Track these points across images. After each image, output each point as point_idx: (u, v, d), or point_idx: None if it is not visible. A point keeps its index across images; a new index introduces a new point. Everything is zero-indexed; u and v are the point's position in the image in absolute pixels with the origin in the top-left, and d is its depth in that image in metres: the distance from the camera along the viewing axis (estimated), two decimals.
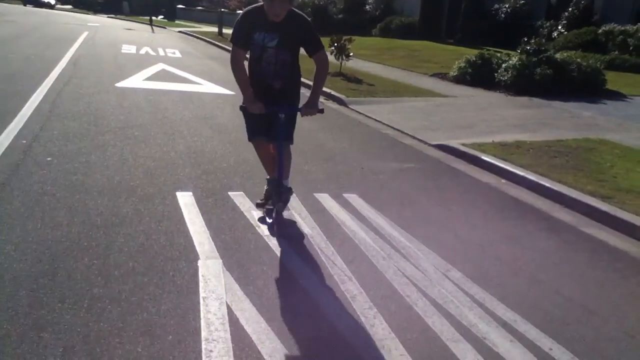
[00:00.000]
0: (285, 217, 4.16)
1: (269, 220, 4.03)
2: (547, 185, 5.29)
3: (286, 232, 3.94)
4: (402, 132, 7.56)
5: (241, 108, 3.84)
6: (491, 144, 6.73)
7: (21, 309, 2.73)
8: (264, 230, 3.94)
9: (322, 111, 3.86)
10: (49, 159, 5.13)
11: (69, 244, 3.48)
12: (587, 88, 11.15)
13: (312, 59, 3.81)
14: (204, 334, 2.67)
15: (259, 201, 4.37)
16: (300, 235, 3.92)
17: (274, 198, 3.96)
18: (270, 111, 3.78)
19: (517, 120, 8.39)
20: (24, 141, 5.59)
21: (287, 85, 3.88)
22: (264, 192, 4.37)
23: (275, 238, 3.82)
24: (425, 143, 7.00)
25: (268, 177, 4.29)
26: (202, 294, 3.03)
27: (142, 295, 2.97)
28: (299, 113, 3.90)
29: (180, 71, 11.83)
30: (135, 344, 2.54)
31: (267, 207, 4.12)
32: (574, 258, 3.93)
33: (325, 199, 4.67)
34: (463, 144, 6.67)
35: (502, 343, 2.80)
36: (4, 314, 2.68)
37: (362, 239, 3.92)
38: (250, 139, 4.10)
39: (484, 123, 8.12)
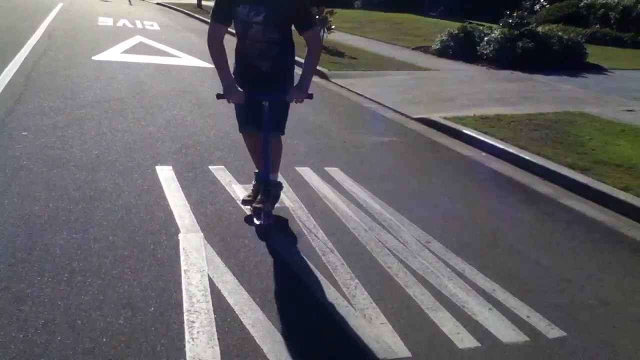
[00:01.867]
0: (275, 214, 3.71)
1: (257, 222, 3.57)
2: (527, 157, 5.34)
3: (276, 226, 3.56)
4: (383, 105, 7.55)
5: (218, 96, 3.35)
6: (472, 117, 6.75)
7: None
8: None
9: (311, 96, 3.39)
10: (24, 133, 5.02)
11: (46, 218, 3.43)
12: (568, 61, 11.22)
13: (302, 36, 3.36)
14: (185, 305, 2.67)
15: (245, 197, 3.86)
16: (281, 209, 3.91)
17: (261, 196, 3.55)
18: (253, 99, 3.35)
19: (499, 94, 8.42)
20: None
21: (276, 68, 3.43)
22: (251, 187, 3.94)
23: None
24: (407, 116, 7.01)
25: (256, 170, 3.88)
26: (183, 267, 3.02)
27: (122, 268, 2.95)
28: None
29: (159, 44, 11.61)
30: (116, 317, 2.53)
31: (255, 205, 3.67)
32: (551, 229, 4.00)
33: (307, 173, 4.66)
34: (444, 118, 6.69)
35: (480, 311, 2.85)
36: None
37: (343, 212, 3.93)
38: (240, 130, 3.71)
39: (465, 96, 8.14)
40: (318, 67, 9.78)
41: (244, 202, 3.83)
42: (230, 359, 2.33)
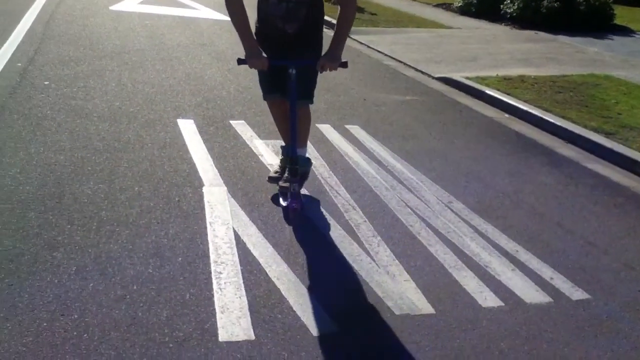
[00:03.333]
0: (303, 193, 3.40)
1: (283, 204, 3.24)
2: (551, 120, 5.26)
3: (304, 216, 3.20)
4: (404, 63, 7.42)
5: (239, 62, 2.99)
6: (495, 77, 6.63)
7: (32, 229, 2.76)
8: (266, 158, 3.93)
9: (345, 65, 3.01)
10: (46, 82, 5.02)
11: (73, 167, 3.47)
12: (595, 23, 10.87)
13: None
14: (212, 257, 2.71)
15: (271, 174, 3.51)
16: None
17: (288, 175, 3.18)
18: (278, 65, 2.98)
19: (522, 54, 8.24)
20: (19, 64, 5.46)
21: (304, 30, 3.08)
22: (278, 162, 3.62)
23: (276, 165, 3.79)
24: (428, 75, 6.90)
25: (284, 144, 3.59)
26: (208, 219, 3.05)
27: (149, 219, 2.99)
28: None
29: None
30: (146, 265, 2.58)
31: (281, 184, 3.32)
32: (575, 192, 3.97)
33: (327, 130, 4.64)
34: (466, 77, 6.57)
35: (503, 271, 2.86)
36: (16, 234, 2.70)
37: (365, 170, 3.93)
38: (264, 98, 3.38)
39: (488, 56, 7.97)
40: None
41: (270, 179, 3.48)
42: (257, 309, 2.38)
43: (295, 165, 3.09)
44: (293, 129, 3.08)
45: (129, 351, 2.05)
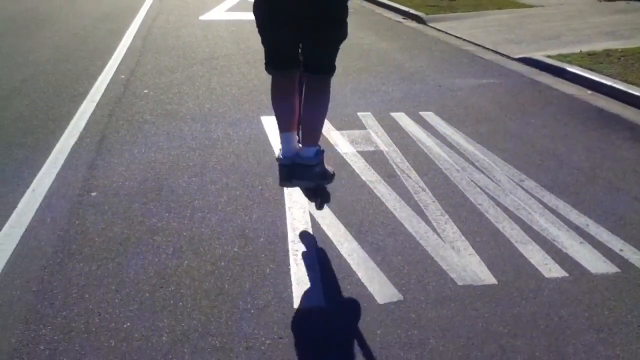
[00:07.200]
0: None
1: None
2: (637, 94, 5.07)
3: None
4: (483, 47, 7.38)
5: None
6: (578, 54, 6.44)
7: (136, 218, 3.20)
8: (341, 147, 4.17)
9: None
10: (145, 91, 5.59)
11: (170, 164, 3.91)
12: None
13: None
14: (290, 237, 3.00)
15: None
16: (376, 152, 4.11)
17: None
18: None
19: (609, 27, 7.87)
20: (123, 76, 6.09)
21: None
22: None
23: (351, 154, 4.03)
24: (507, 57, 6.82)
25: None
26: (287, 205, 3.35)
27: (235, 206, 3.34)
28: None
29: None
30: (232, 245, 2.93)
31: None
32: None
33: (402, 118, 4.80)
34: (548, 56, 6.44)
35: (571, 244, 2.92)
36: (123, 222, 3.15)
37: (436, 154, 4.06)
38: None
39: (572, 32, 7.71)
40: (415, 12, 9.62)
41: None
42: (329, 282, 2.64)
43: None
44: None
45: (217, 316, 2.39)
